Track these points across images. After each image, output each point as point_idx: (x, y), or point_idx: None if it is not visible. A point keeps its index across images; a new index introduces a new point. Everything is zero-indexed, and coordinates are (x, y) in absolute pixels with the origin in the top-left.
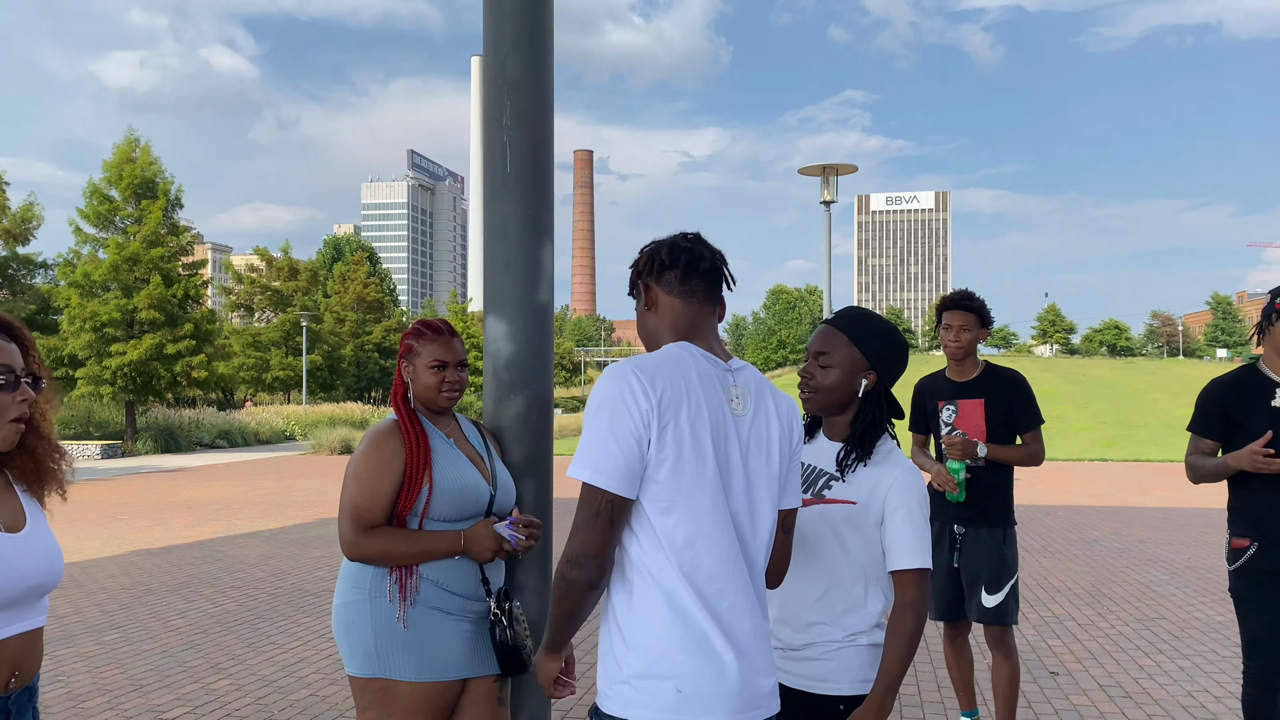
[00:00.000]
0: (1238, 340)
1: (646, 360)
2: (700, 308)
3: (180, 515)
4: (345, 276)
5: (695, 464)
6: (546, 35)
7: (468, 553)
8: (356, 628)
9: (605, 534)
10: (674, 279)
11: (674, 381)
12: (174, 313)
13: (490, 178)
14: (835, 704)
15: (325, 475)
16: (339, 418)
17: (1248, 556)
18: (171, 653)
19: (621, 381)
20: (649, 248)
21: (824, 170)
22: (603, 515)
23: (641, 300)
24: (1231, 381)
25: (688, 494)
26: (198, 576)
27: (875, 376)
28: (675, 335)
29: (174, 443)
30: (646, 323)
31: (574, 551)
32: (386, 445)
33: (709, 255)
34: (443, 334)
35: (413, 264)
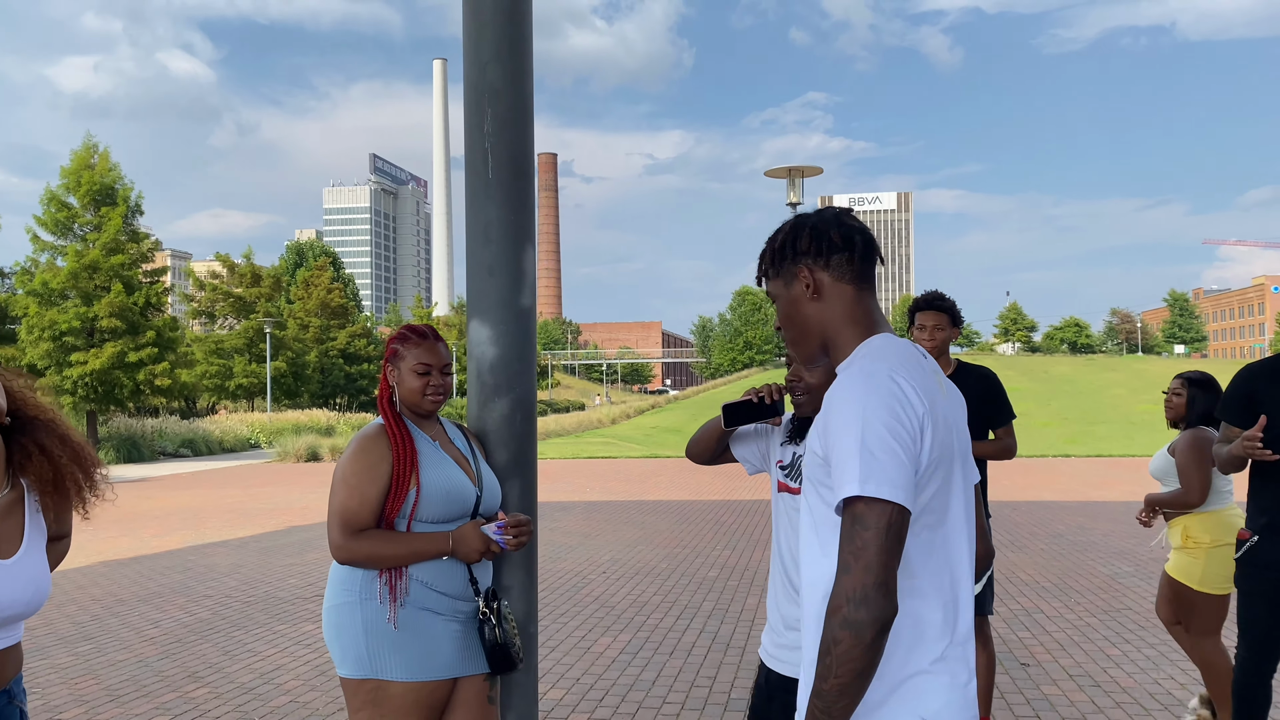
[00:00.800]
0: (1195, 336)
1: (888, 357)
2: (872, 292)
3: (147, 525)
4: (308, 282)
5: (949, 469)
6: (526, 43)
7: (456, 553)
8: (348, 630)
9: (895, 556)
10: (844, 263)
11: (925, 380)
12: (135, 321)
13: (472, 184)
14: None
15: (293, 483)
16: (304, 425)
17: (1247, 547)
18: (147, 663)
19: (887, 383)
20: (807, 225)
21: (790, 172)
22: (892, 533)
23: (795, 286)
24: (1261, 368)
25: (946, 502)
26: (169, 586)
27: None
28: (857, 326)
29: (137, 452)
30: (807, 313)
31: (856, 586)
32: (374, 449)
33: (870, 235)
34: (428, 338)
35: (376, 269)
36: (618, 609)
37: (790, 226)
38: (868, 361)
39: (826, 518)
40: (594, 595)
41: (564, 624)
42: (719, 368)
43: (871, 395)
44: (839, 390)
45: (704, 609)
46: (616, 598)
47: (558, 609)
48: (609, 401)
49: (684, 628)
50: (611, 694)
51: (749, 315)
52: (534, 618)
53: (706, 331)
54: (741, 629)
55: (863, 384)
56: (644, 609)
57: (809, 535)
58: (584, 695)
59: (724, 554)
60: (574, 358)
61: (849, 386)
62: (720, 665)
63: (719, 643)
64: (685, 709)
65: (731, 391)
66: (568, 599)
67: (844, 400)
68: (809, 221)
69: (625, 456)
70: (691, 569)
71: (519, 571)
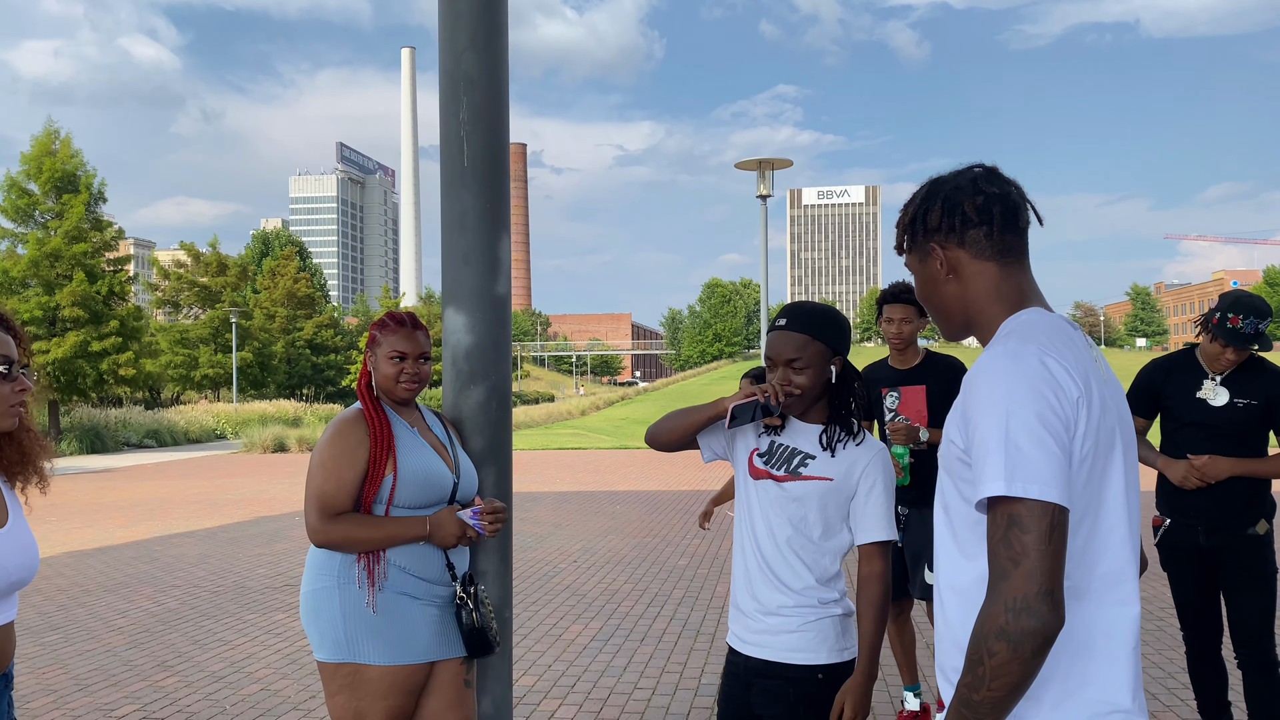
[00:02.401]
0: (1156, 330)
1: (1036, 335)
2: (1020, 262)
3: (112, 516)
4: (275, 272)
5: (1108, 457)
6: (501, 31)
7: (432, 538)
8: (325, 614)
9: (1060, 562)
10: (982, 237)
11: (1080, 359)
12: (98, 310)
13: (448, 172)
14: (814, 673)
15: (259, 474)
16: (271, 416)
17: (1162, 532)
18: (115, 652)
19: (1036, 366)
20: (939, 195)
21: (760, 165)
22: (1056, 535)
23: (930, 264)
24: (1167, 364)
25: (1101, 494)
26: (136, 576)
27: (841, 360)
28: (1003, 303)
29: (100, 443)
30: (945, 292)
31: (1017, 594)
32: (351, 433)
33: (1018, 196)
34: (405, 326)
35: (343, 259)
36: (589, 597)
37: (922, 196)
38: (1014, 341)
39: (966, 517)
40: (565, 584)
41: (535, 612)
42: (688, 360)
43: (1018, 381)
44: (981, 375)
45: (674, 596)
46: (587, 586)
47: (529, 597)
48: (579, 393)
49: (654, 615)
50: (583, 680)
51: (718, 307)
52: (509, 602)
53: (676, 324)
54: (711, 616)
55: (1008, 367)
56: (615, 597)
57: (945, 536)
58: (555, 682)
59: (693, 542)
60: (544, 349)
61: (992, 371)
62: (691, 651)
63: (689, 629)
64: (656, 694)
65: (703, 384)
66: (539, 588)
67: (987, 386)
68: (942, 190)
69: (595, 448)
70: (661, 557)
71: (494, 557)
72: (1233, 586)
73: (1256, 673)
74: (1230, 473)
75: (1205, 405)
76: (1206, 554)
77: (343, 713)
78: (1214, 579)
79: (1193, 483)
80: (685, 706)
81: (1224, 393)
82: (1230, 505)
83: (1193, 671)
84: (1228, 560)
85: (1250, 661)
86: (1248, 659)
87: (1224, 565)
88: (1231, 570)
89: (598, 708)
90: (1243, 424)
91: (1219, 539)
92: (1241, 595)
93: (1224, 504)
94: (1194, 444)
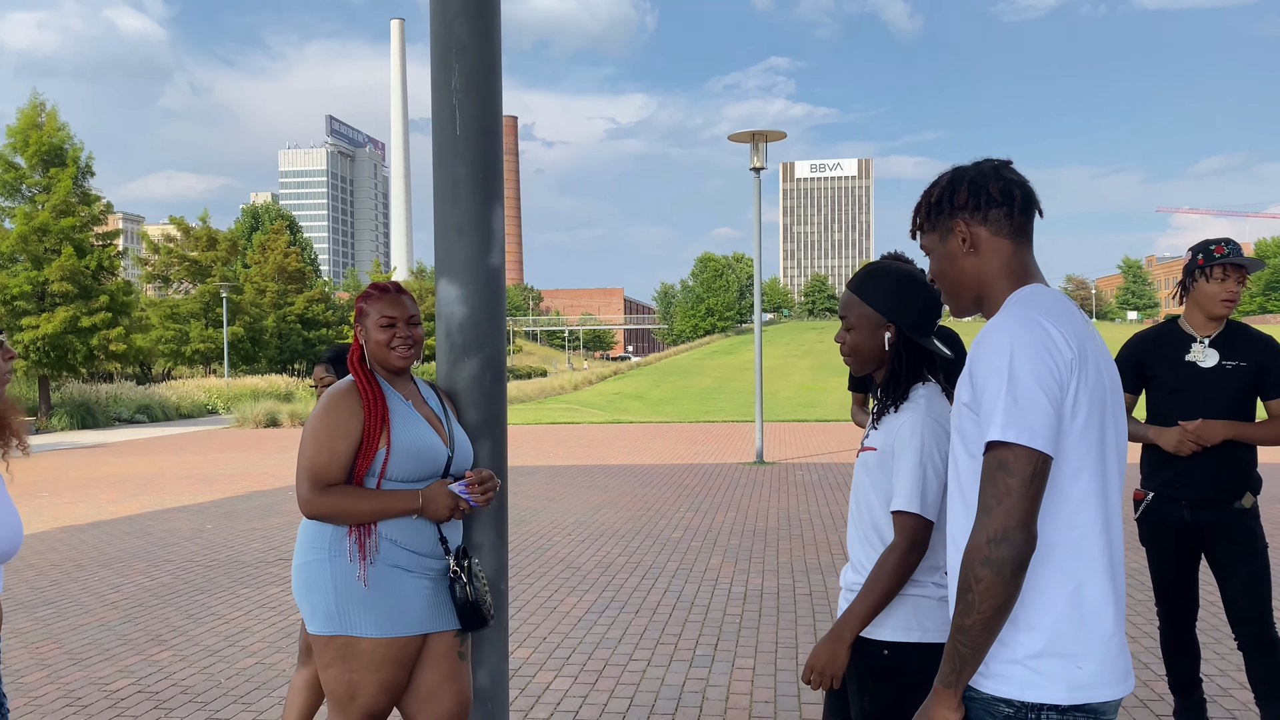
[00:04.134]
0: (1147, 303)
1: (1037, 303)
2: (1029, 244)
3: (104, 491)
4: (265, 246)
5: (1100, 419)
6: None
7: (424, 512)
8: (317, 586)
9: (1037, 501)
10: (1003, 217)
11: (1077, 327)
12: (88, 284)
13: (440, 141)
14: (880, 648)
15: (252, 449)
16: (263, 390)
17: (1144, 507)
18: (109, 626)
19: (1036, 329)
20: (965, 178)
21: (754, 137)
22: (1037, 480)
23: (951, 241)
24: (1150, 336)
25: (1096, 454)
26: (129, 551)
27: (895, 328)
28: (1011, 279)
29: (91, 418)
30: (962, 267)
31: (999, 526)
32: (344, 404)
33: (1031, 189)
34: (390, 292)
35: (333, 233)
36: (583, 570)
37: (948, 180)
38: (1017, 307)
39: (973, 473)
40: (559, 557)
41: (530, 584)
42: (681, 334)
43: (1020, 339)
44: (989, 335)
45: (668, 569)
46: (582, 559)
47: (524, 570)
48: (571, 367)
49: (649, 587)
50: (578, 652)
51: (711, 282)
52: (505, 574)
53: (669, 298)
54: (705, 588)
55: (1010, 328)
56: (609, 570)
57: (954, 494)
58: (551, 654)
59: (687, 515)
60: (536, 324)
61: (996, 332)
62: (685, 623)
63: (683, 601)
64: (651, 665)
65: (695, 358)
66: (533, 560)
67: (992, 345)
68: (967, 175)
69: (588, 422)
70: (655, 530)
71: (490, 530)
72: (1223, 563)
73: (1257, 651)
74: (1224, 435)
75: (1195, 369)
76: (1190, 529)
77: (336, 685)
78: (1194, 555)
79: (1188, 448)
80: (680, 678)
81: (1213, 354)
82: (1220, 477)
83: (1166, 648)
84: (1214, 536)
85: (1250, 640)
86: (1247, 638)
87: (1209, 542)
88: (1220, 546)
89: (593, 679)
90: (1233, 387)
91: (1204, 513)
92: (1233, 571)
93: (1215, 476)
94: (1184, 410)
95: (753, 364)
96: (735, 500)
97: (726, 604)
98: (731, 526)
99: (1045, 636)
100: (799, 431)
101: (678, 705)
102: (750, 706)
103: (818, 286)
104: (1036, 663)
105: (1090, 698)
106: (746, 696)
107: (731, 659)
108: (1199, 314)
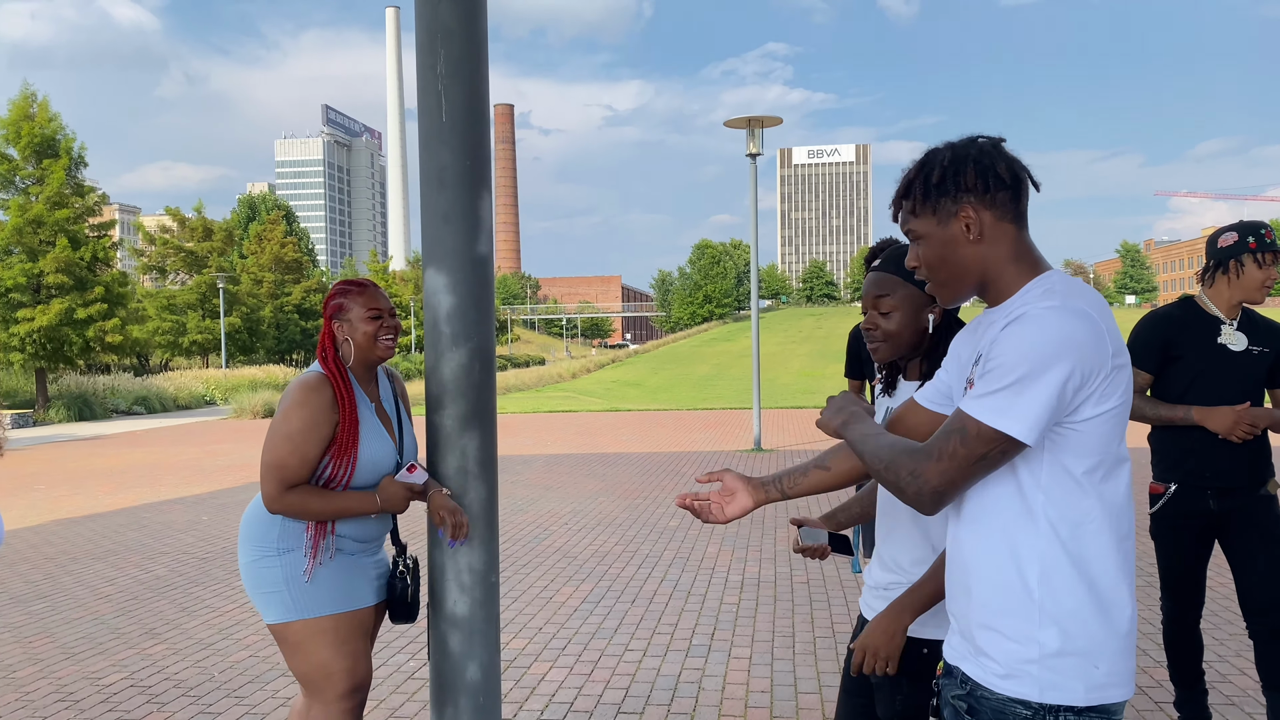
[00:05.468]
0: (1145, 287)
1: (1081, 293)
2: (1026, 228)
3: (101, 483)
4: (261, 236)
5: (1126, 414)
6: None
7: (383, 509)
8: (269, 580)
9: (975, 478)
10: (1008, 200)
11: (1109, 318)
12: (83, 276)
13: (426, 127)
14: (919, 647)
15: (249, 440)
16: (261, 381)
17: (1165, 500)
18: (103, 620)
19: (1088, 323)
20: (969, 157)
21: (750, 123)
22: (990, 461)
23: (953, 225)
24: (1173, 315)
25: (1115, 449)
26: (124, 544)
27: (940, 310)
28: (1022, 264)
29: (89, 410)
30: (966, 254)
31: (924, 474)
32: (317, 405)
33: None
34: (368, 287)
35: (330, 223)
36: (579, 559)
37: (949, 159)
38: (1064, 298)
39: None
40: (556, 546)
41: (526, 574)
42: (679, 321)
43: (1075, 335)
44: (1041, 318)
45: (664, 558)
46: (578, 548)
47: (520, 560)
48: (569, 355)
49: (645, 576)
50: (574, 642)
51: (708, 269)
52: (495, 567)
53: (666, 285)
54: (702, 577)
55: (1067, 321)
56: (605, 559)
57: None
58: (546, 644)
59: None
60: (533, 312)
61: (1054, 317)
62: (681, 612)
63: (680, 590)
64: (647, 655)
65: (693, 345)
66: (529, 550)
67: (1045, 328)
68: (969, 153)
69: (586, 410)
70: (652, 519)
71: (480, 523)
72: (1243, 551)
73: (1272, 640)
74: (1269, 421)
75: (1225, 352)
76: (1213, 519)
77: (308, 669)
78: (1210, 546)
79: (1241, 433)
80: (676, 668)
81: (1242, 338)
82: (1252, 464)
83: (1170, 640)
84: (1237, 525)
85: (1264, 629)
86: (1263, 627)
87: (1230, 531)
88: (1245, 533)
89: (589, 669)
90: (1256, 373)
91: (1229, 501)
92: (1254, 560)
93: (1249, 463)
94: (1204, 394)
95: (751, 351)
96: None
97: (724, 593)
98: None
99: (1063, 635)
100: (797, 418)
101: (673, 696)
102: (746, 697)
103: (816, 273)
104: (1054, 662)
105: (1105, 698)
106: (743, 686)
107: (728, 649)
108: (1234, 296)
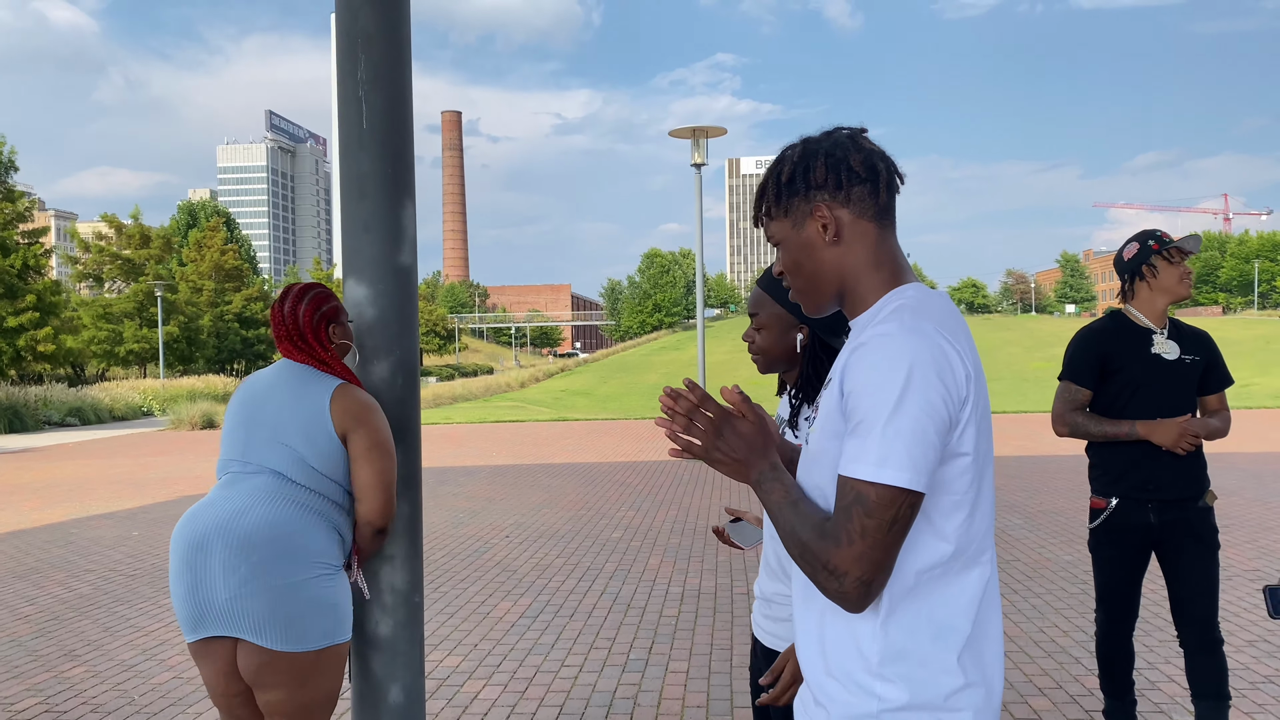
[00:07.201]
0: (1085, 296)
1: (931, 313)
2: (892, 227)
3: (27, 498)
4: (201, 244)
5: (986, 444)
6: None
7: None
8: (328, 600)
9: (895, 549)
10: (866, 195)
11: (968, 341)
12: (13, 284)
13: (346, 135)
14: None
15: (187, 451)
16: (200, 391)
17: (1106, 515)
18: (20, 642)
19: (934, 346)
20: (820, 151)
21: (694, 133)
22: (900, 524)
23: (808, 227)
24: (1106, 329)
25: (976, 483)
26: (48, 561)
27: (808, 330)
28: (881, 272)
29: (19, 422)
30: (822, 258)
31: (843, 569)
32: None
33: (892, 159)
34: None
35: (274, 230)
36: (519, 573)
37: (799, 155)
38: (909, 317)
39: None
40: (496, 560)
41: (463, 589)
42: (628, 330)
43: (919, 360)
44: (876, 345)
45: (605, 570)
46: (518, 561)
47: (458, 574)
48: (518, 364)
49: (585, 590)
50: (509, 659)
51: (658, 278)
52: (419, 587)
53: (616, 294)
54: (642, 589)
55: (911, 345)
56: (546, 572)
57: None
58: (481, 661)
59: (628, 514)
60: (482, 321)
61: (889, 343)
62: (620, 626)
63: (619, 604)
64: (584, 671)
65: (643, 354)
66: (468, 564)
67: (884, 360)
68: (820, 147)
69: (533, 420)
70: (595, 530)
71: (403, 540)
72: (1179, 563)
73: (1201, 650)
74: (1207, 432)
75: (1160, 361)
76: (1152, 531)
77: (318, 695)
78: (1148, 559)
79: (1186, 445)
80: (612, 684)
81: (1174, 347)
82: (1187, 476)
83: (1103, 652)
84: (1175, 537)
85: (1195, 640)
86: (1193, 637)
87: (1168, 543)
88: (1183, 545)
89: (523, 687)
90: (1189, 380)
91: (1170, 514)
92: (1189, 572)
93: (1188, 475)
94: (1142, 406)
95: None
96: (677, 498)
97: (663, 605)
98: (672, 525)
99: (911, 689)
100: None
101: (608, 712)
102: (682, 712)
103: None
104: (900, 715)
105: None
106: (679, 702)
107: (665, 662)
108: (1159, 302)
